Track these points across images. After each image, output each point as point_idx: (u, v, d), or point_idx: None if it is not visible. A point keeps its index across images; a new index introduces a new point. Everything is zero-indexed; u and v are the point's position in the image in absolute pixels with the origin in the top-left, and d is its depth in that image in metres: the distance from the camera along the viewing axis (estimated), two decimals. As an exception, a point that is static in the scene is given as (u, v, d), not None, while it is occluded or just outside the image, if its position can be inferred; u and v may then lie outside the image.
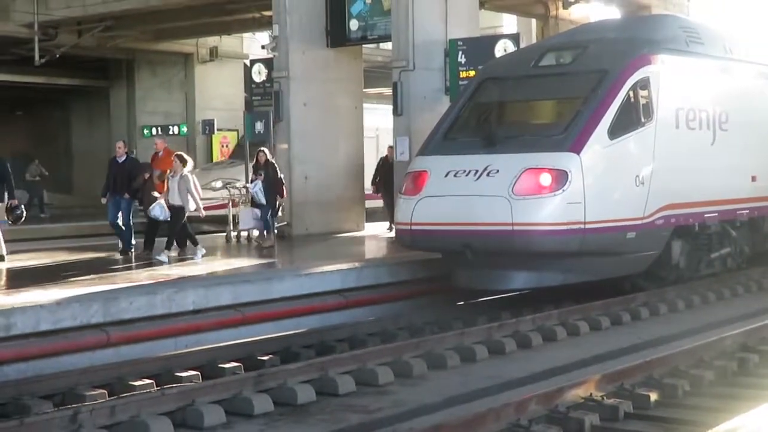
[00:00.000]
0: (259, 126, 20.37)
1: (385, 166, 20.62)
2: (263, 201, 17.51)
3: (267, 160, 17.78)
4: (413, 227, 13.40)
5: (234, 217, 19.25)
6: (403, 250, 14.66)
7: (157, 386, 9.23)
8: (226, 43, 33.05)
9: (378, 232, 20.68)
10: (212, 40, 32.70)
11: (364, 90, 23.01)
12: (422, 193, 13.36)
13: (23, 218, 15.25)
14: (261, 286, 12.83)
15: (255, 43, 32.01)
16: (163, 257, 15.06)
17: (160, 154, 16.29)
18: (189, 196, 15.28)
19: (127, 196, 16.05)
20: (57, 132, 37.69)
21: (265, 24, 26.29)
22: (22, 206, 15.38)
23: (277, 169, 17.92)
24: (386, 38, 20.28)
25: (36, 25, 27.98)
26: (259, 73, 21.22)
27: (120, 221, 16.09)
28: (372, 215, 23.13)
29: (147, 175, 16.08)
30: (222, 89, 32.15)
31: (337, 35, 20.69)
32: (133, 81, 33.48)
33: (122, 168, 16.10)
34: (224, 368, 9.88)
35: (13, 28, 28.30)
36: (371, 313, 13.47)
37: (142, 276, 13.38)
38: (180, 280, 12.77)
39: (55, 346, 10.38)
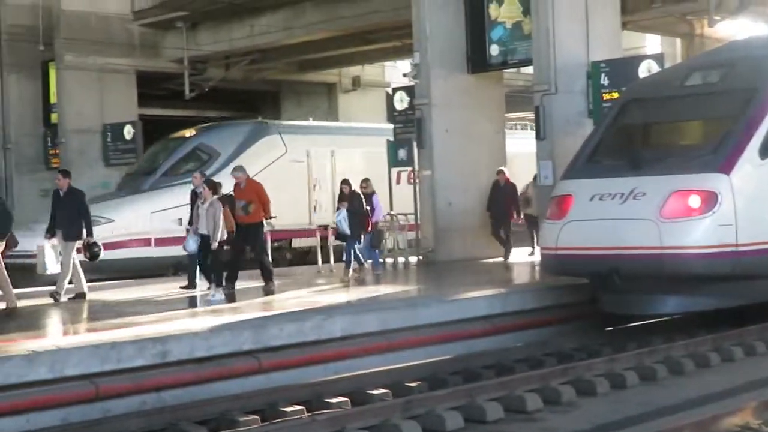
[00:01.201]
0: (401, 153, 20.56)
1: (496, 190, 20.21)
2: (347, 231, 17.28)
3: (352, 191, 17.67)
4: (558, 252, 13.28)
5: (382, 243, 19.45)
6: (548, 276, 14.53)
7: (307, 412, 9.37)
8: (369, 72, 33.46)
9: (521, 257, 20.55)
10: (355, 70, 33.15)
11: (506, 114, 22.96)
12: (567, 217, 13.24)
13: (100, 256, 15.35)
14: (407, 312, 12.89)
15: (396, 72, 32.32)
16: (218, 296, 14.30)
17: (242, 185, 15.76)
18: (214, 225, 14.21)
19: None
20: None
21: (406, 52, 26.51)
22: (100, 243, 15.51)
23: (363, 201, 17.69)
24: (527, 62, 20.20)
25: (185, 60, 28.89)
26: (401, 101, 21.41)
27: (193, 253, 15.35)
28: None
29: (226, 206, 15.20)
30: (365, 118, 32.51)
31: (477, 61, 20.71)
32: (279, 112, 34.18)
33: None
34: (373, 395, 9.96)
35: (164, 64, 29.30)
36: (517, 339, 13.38)
37: (289, 303, 13.61)
38: (328, 308, 12.94)
39: (208, 372, 10.63)
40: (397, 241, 19.71)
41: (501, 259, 19.88)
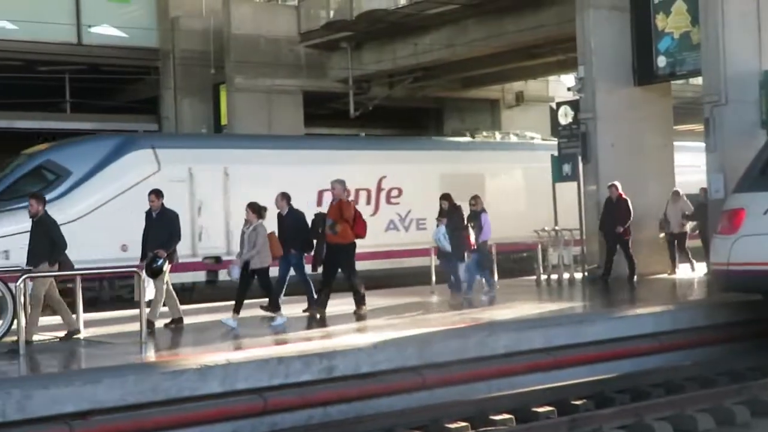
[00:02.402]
0: (566, 168, 20.34)
1: (608, 206, 18.85)
2: (448, 248, 16.45)
3: (453, 206, 16.75)
4: (730, 267, 12.88)
5: (543, 260, 19.29)
6: (719, 292, 14.09)
7: (471, 429, 9.35)
8: (532, 87, 33.28)
9: (691, 273, 20.01)
10: (518, 85, 33.04)
11: (674, 127, 22.44)
12: (739, 231, 12.84)
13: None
14: (572, 329, 12.72)
15: (560, 86, 32.05)
16: (279, 320, 13.74)
17: (334, 201, 14.74)
18: (254, 250, 13.49)
19: (293, 251, 14.79)
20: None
21: (570, 66, 26.27)
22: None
23: (464, 217, 16.87)
24: (696, 73, 19.69)
25: (350, 80, 29.40)
26: (565, 116, 21.17)
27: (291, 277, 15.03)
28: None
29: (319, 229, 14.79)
30: (529, 132, 32.34)
31: (644, 73, 20.32)
32: (442, 128, 34.34)
33: (284, 221, 15.03)
34: (538, 412, 9.87)
35: (329, 84, 29.88)
36: (687, 357, 13.02)
37: (452, 320, 13.61)
38: (492, 324, 12.89)
39: (373, 387, 10.70)
40: (561, 257, 19.47)
41: (667, 275, 19.37)
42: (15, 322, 11.19)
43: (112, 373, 9.49)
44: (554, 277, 19.31)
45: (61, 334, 12.59)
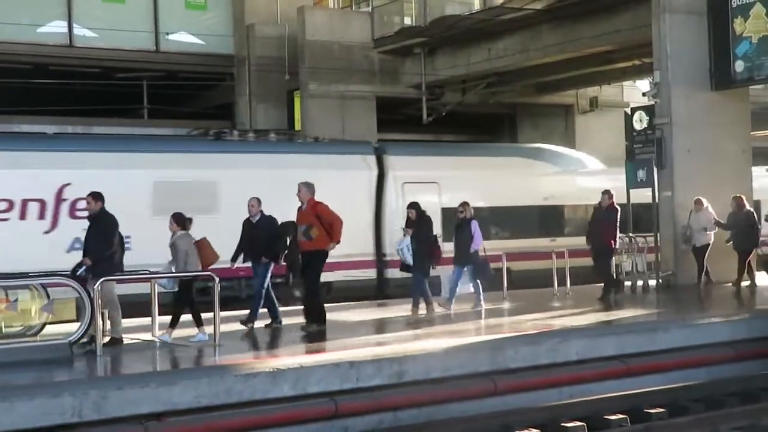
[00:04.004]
0: (641, 174, 20.15)
1: (596, 215, 17.66)
2: (409, 261, 15.35)
3: (421, 215, 15.62)
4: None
5: (617, 266, 19.11)
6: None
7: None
8: (606, 92, 32.99)
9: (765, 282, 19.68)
10: (592, 91, 32.77)
11: (752, 133, 22.09)
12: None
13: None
14: (645, 336, 12.59)
15: (635, 91, 31.70)
16: (200, 336, 12.54)
17: (304, 206, 13.71)
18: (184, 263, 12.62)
19: (264, 260, 13.95)
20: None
21: (645, 71, 26.00)
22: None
23: (432, 228, 15.78)
24: (775, 78, 19.40)
25: (423, 85, 29.42)
26: (640, 121, 20.97)
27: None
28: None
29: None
30: (603, 139, 32.02)
31: (721, 77, 20.05)
32: (516, 134, 34.16)
33: (257, 229, 14.09)
34: (610, 420, 9.80)
35: (402, 89, 29.93)
36: (764, 367, 12.80)
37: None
38: (564, 331, 12.81)
39: (444, 393, 10.68)
40: (635, 264, 19.28)
41: (746, 284, 19.00)
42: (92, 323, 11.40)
43: (187, 375, 9.63)
44: (628, 283, 19.12)
45: (144, 336, 12.83)
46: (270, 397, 9.78)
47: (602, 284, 17.39)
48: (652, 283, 19.41)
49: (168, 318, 12.73)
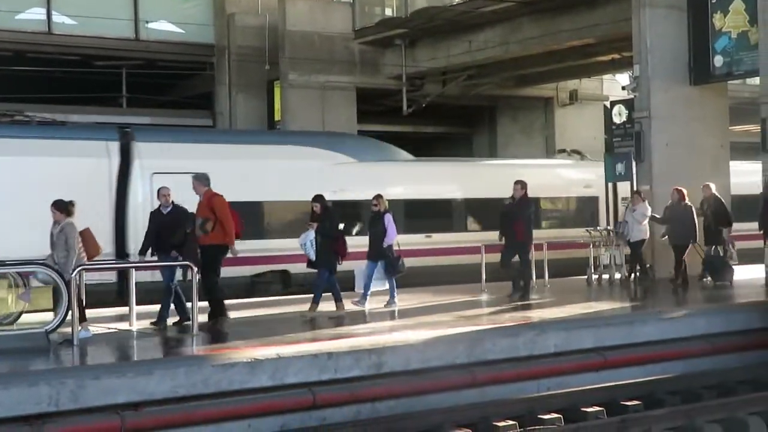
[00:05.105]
0: (619, 167, 20.23)
1: (507, 209, 16.50)
2: (312, 256, 14.56)
3: (325, 209, 14.92)
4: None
5: (595, 259, 19.16)
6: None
7: (520, 427, 9.34)
8: (586, 85, 33.06)
9: (746, 276, 19.74)
10: (572, 84, 32.82)
11: (730, 128, 22.20)
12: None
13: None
14: (623, 329, 12.64)
15: (615, 85, 31.80)
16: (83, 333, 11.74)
17: (202, 199, 13.30)
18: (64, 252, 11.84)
19: (174, 254, 13.04)
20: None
21: (625, 65, 26.08)
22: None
23: (336, 222, 15.21)
24: (753, 73, 19.47)
25: (404, 77, 29.39)
26: (619, 114, 21.06)
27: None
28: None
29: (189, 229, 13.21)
30: (582, 132, 32.12)
31: (700, 72, 20.14)
32: (495, 127, 34.21)
33: (166, 220, 13.31)
34: (587, 412, 9.83)
35: (382, 80, 29.89)
36: (740, 360, 12.88)
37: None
38: (542, 323, 12.85)
39: (423, 384, 10.70)
40: (613, 257, 19.33)
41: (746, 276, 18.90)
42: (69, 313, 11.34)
43: (164, 365, 9.60)
44: (605, 276, 19.19)
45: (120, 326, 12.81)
46: (248, 388, 9.76)
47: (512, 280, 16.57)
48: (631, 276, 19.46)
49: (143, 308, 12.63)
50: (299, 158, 21.69)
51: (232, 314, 13.77)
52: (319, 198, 14.93)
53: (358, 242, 16.51)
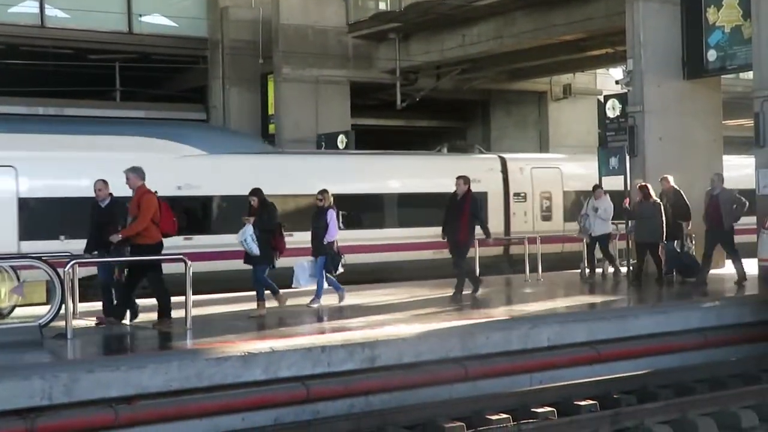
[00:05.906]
0: (613, 161, 20.22)
1: (452, 204, 15.85)
2: (255, 252, 13.77)
3: (263, 202, 14.23)
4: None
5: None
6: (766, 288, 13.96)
7: (513, 421, 9.36)
8: (580, 80, 33.11)
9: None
10: (566, 78, 32.87)
11: (724, 122, 22.22)
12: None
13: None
14: (616, 323, 12.66)
15: (608, 79, 31.81)
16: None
17: (134, 195, 12.54)
18: None
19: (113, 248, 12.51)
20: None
21: (618, 59, 26.08)
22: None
23: (275, 216, 14.34)
24: (747, 67, 19.47)
25: (398, 71, 29.40)
26: (613, 109, 21.04)
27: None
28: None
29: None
30: (575, 126, 32.19)
31: (694, 67, 20.13)
32: (489, 121, 34.25)
33: (104, 214, 12.76)
34: (580, 406, 9.85)
35: (376, 74, 29.90)
36: (733, 354, 12.92)
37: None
38: (535, 317, 12.86)
39: (416, 378, 10.71)
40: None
41: (719, 271, 19.00)
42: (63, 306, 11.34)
43: (157, 359, 9.60)
44: (599, 271, 19.22)
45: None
46: (241, 381, 9.77)
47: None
48: (623, 270, 19.49)
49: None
50: (135, 150, 18.45)
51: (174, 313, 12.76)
52: (256, 191, 14.21)
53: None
